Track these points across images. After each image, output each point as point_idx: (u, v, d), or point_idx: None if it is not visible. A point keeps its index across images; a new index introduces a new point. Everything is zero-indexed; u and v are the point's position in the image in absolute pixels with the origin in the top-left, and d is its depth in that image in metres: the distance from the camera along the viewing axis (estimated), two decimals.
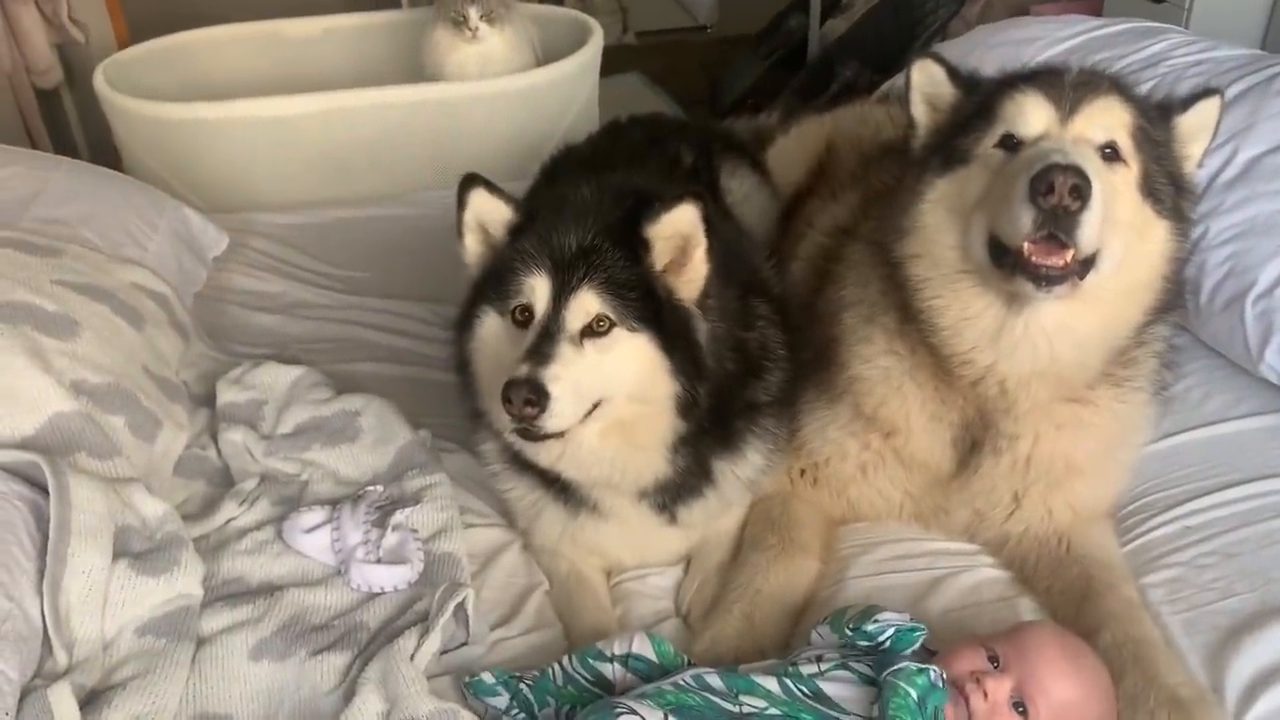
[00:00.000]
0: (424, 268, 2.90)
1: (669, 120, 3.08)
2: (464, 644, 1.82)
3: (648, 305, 1.70)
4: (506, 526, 2.08)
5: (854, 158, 2.49)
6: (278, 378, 2.36)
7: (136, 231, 2.59)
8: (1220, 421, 2.13)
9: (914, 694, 1.43)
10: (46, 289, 2.14)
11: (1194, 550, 1.86)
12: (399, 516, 1.98)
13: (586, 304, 1.67)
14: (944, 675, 1.47)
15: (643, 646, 1.67)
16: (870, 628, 1.59)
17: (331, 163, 3.46)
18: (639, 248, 1.72)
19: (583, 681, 1.65)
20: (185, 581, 1.83)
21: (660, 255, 1.73)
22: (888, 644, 1.58)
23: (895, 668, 1.47)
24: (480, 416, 1.92)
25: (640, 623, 1.90)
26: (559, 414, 1.62)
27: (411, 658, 1.70)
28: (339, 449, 2.21)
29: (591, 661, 1.66)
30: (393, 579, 1.91)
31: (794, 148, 2.71)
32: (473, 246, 1.84)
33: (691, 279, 1.75)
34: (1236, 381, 2.22)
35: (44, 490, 1.76)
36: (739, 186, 2.51)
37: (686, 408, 1.75)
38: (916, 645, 1.60)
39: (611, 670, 1.66)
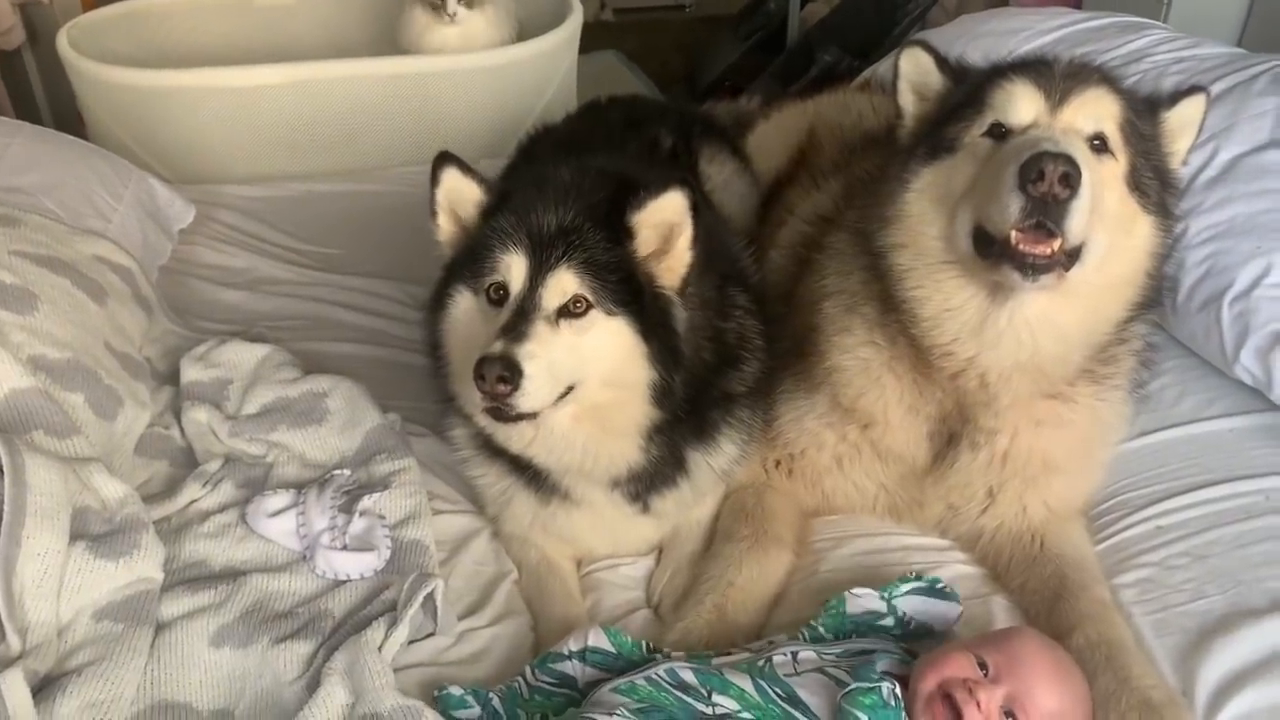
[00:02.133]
0: (397, 246, 2.85)
1: (648, 102, 3.05)
2: (431, 634, 1.79)
3: (627, 289, 1.67)
4: (475, 513, 2.05)
5: (836, 145, 2.46)
6: (243, 356, 2.31)
7: (100, 202, 2.52)
8: (1194, 421, 2.13)
9: (863, 717, 1.41)
10: (4, 260, 2.07)
11: (1166, 551, 1.86)
12: (366, 502, 1.94)
13: (564, 283, 1.64)
14: (896, 691, 1.45)
15: (598, 640, 1.66)
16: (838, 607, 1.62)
17: (302, 135, 3.39)
18: (621, 233, 1.69)
19: (547, 687, 1.64)
20: (145, 565, 1.79)
21: (644, 243, 1.70)
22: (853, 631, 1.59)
23: (848, 688, 1.45)
24: (451, 400, 1.88)
25: (611, 613, 1.88)
26: (532, 394, 1.59)
27: (379, 649, 1.67)
28: (306, 431, 2.17)
29: (551, 665, 1.65)
30: (359, 566, 1.87)
31: (775, 134, 2.68)
32: (445, 226, 1.81)
33: (674, 267, 1.72)
34: (1211, 382, 2.22)
35: None
36: (719, 172, 2.48)
37: (662, 396, 1.72)
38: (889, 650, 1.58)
39: (572, 667, 1.64)
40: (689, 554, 1.96)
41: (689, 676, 1.54)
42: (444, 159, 1.78)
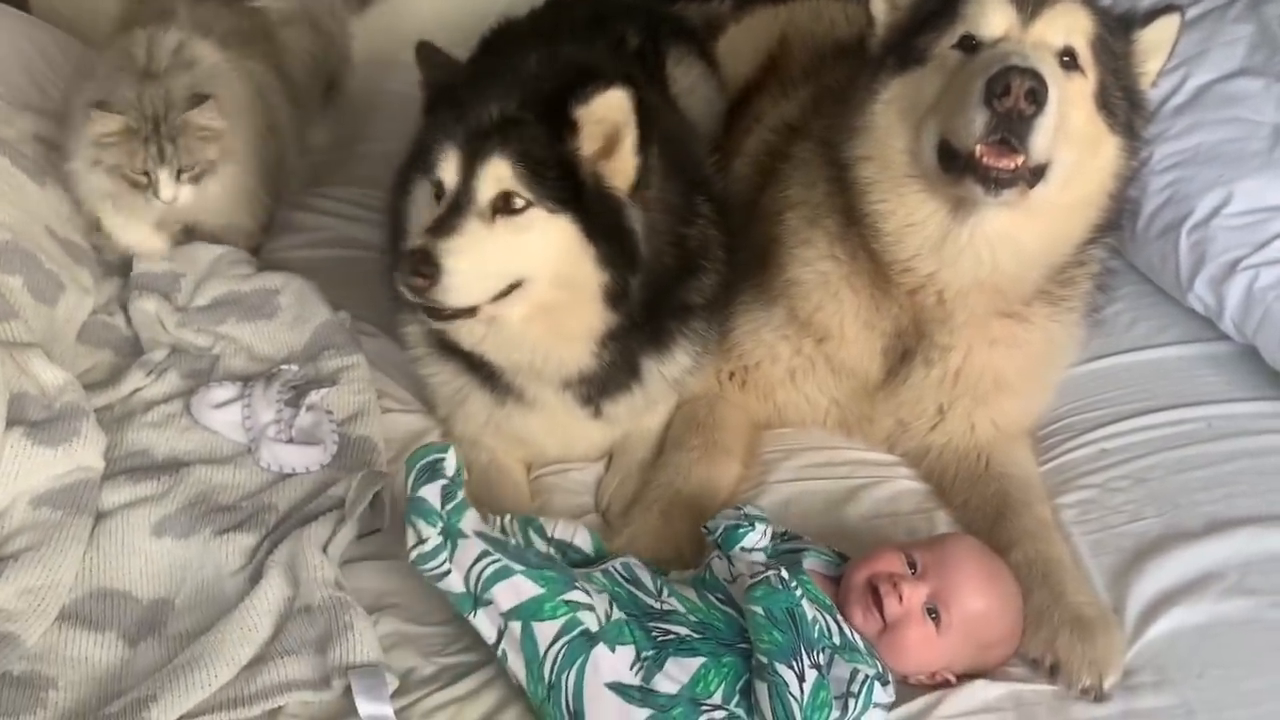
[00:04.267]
0: (354, 148, 2.80)
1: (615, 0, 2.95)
2: (379, 530, 1.79)
3: (568, 186, 1.63)
4: (425, 414, 2.04)
5: (807, 54, 2.41)
6: (200, 254, 2.29)
7: (40, 77, 2.43)
8: (1145, 348, 2.16)
9: (759, 610, 1.42)
10: None
11: (1108, 473, 1.90)
12: (314, 397, 1.93)
13: (497, 173, 1.60)
14: (784, 575, 1.45)
15: (583, 541, 1.68)
16: (710, 523, 1.60)
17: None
18: (564, 128, 1.63)
19: (512, 543, 1.61)
20: (85, 453, 1.77)
21: (588, 139, 1.65)
22: (720, 541, 1.58)
23: (748, 586, 1.45)
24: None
25: (559, 516, 1.87)
26: (455, 289, 1.57)
27: (325, 546, 1.67)
28: (255, 324, 2.16)
29: (531, 533, 1.65)
30: (304, 460, 1.86)
31: (745, 39, 2.62)
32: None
33: (620, 169, 1.67)
34: (1164, 309, 2.24)
35: None
36: (685, 75, 2.42)
37: (615, 298, 1.70)
38: (749, 540, 1.56)
39: (545, 548, 1.65)
40: (638, 461, 1.96)
41: (643, 574, 1.57)
42: (422, 48, 1.78)
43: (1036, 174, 1.63)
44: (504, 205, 1.61)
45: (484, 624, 1.48)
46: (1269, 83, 2.23)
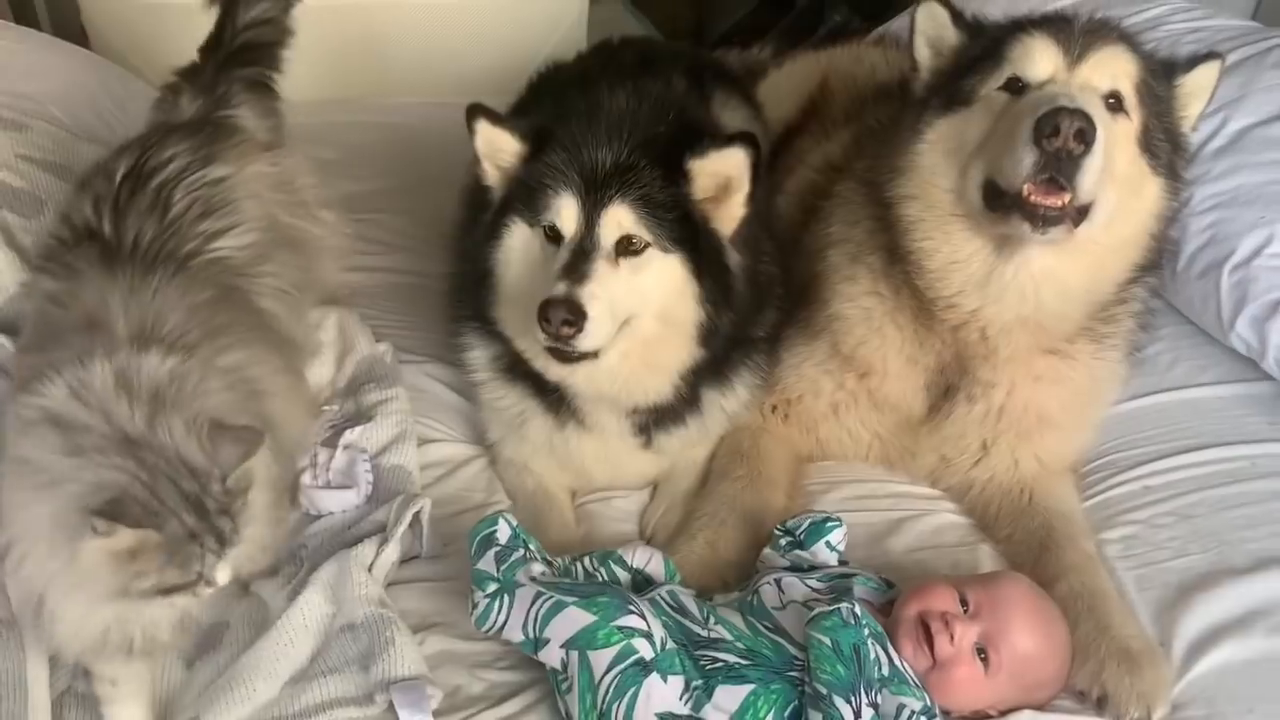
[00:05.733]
0: (397, 177, 2.84)
1: (661, 45, 3.02)
2: (417, 556, 1.81)
3: (682, 228, 1.69)
4: (462, 443, 2.07)
5: (848, 96, 2.46)
6: None
7: (105, 113, 2.50)
8: (1186, 387, 2.17)
9: (827, 641, 1.43)
10: (11, 164, 2.06)
11: (1152, 510, 1.90)
12: (349, 436, 1.95)
13: (620, 219, 1.65)
14: (856, 611, 1.47)
15: (656, 567, 1.70)
16: (789, 522, 1.68)
17: (311, 60, 3.35)
18: (677, 174, 1.69)
19: (599, 580, 1.66)
20: None
21: (701, 189, 1.70)
22: (803, 537, 1.65)
23: (812, 616, 1.47)
24: (481, 322, 1.90)
25: (602, 544, 1.88)
26: (594, 334, 1.62)
27: (369, 567, 1.69)
28: None
29: (613, 565, 1.68)
30: (340, 503, 1.88)
31: (787, 83, 2.68)
32: (491, 171, 1.81)
33: (728, 217, 1.73)
34: (1205, 349, 2.25)
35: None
36: (731, 118, 2.45)
37: (708, 336, 1.75)
38: (833, 537, 1.66)
39: (626, 579, 1.67)
40: (684, 490, 1.98)
41: (689, 603, 1.58)
42: (474, 111, 1.77)
43: (1081, 213, 1.66)
44: (626, 248, 1.66)
45: (549, 658, 1.50)
46: None
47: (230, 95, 2.05)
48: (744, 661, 1.49)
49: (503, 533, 1.61)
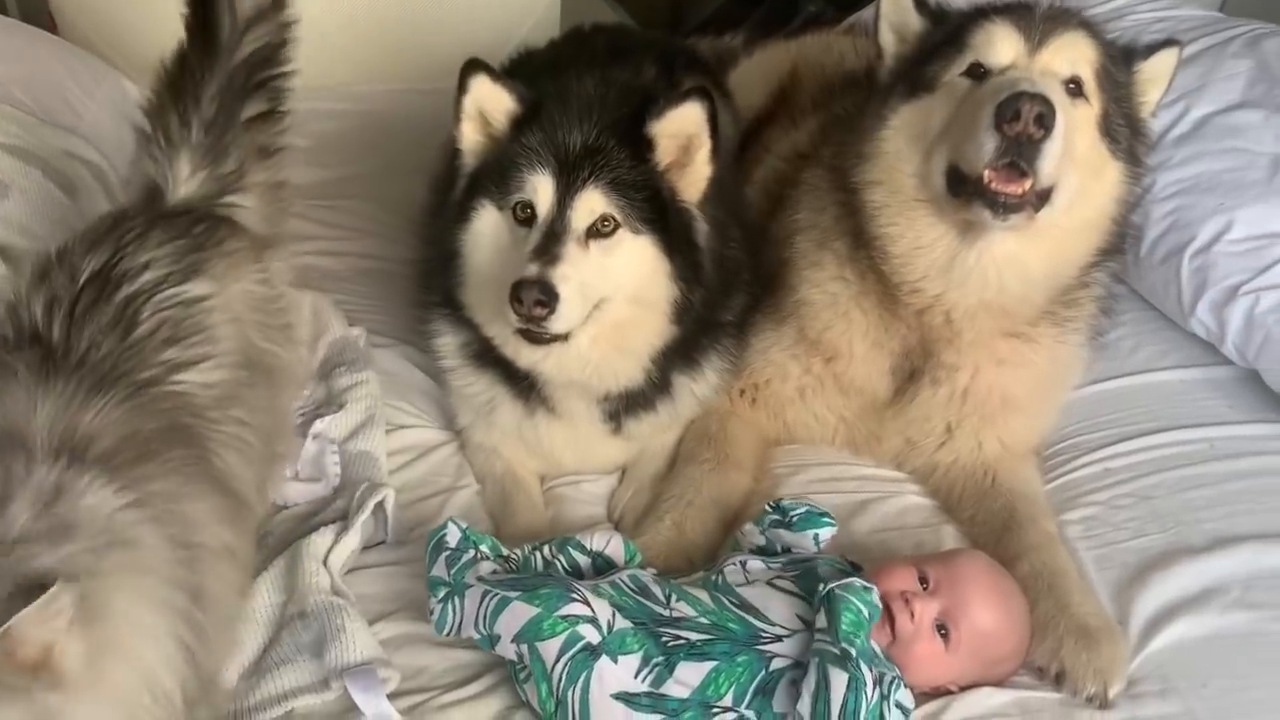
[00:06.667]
0: (362, 163, 2.84)
1: (633, 32, 3.04)
2: (382, 542, 1.81)
3: (652, 207, 1.70)
4: (432, 428, 2.07)
5: (817, 85, 2.47)
6: None
7: (72, 98, 2.49)
8: (1148, 371, 2.20)
9: (865, 611, 1.45)
10: None
11: (1112, 491, 1.93)
12: (319, 425, 1.94)
13: (592, 204, 1.66)
14: (868, 585, 1.50)
15: (616, 549, 1.70)
16: (786, 503, 1.70)
17: None
18: (643, 146, 1.70)
19: (560, 569, 1.67)
20: None
21: (663, 153, 1.71)
22: (794, 520, 1.67)
23: (842, 583, 1.48)
24: (450, 308, 1.90)
25: (571, 527, 1.90)
26: (566, 315, 1.62)
27: (326, 556, 1.69)
28: None
29: (571, 551, 1.69)
30: (307, 494, 1.87)
31: (757, 72, 2.69)
32: (470, 135, 1.80)
33: (694, 180, 1.74)
34: (1166, 334, 2.28)
35: None
36: None
37: (681, 313, 1.76)
38: (823, 534, 1.68)
39: (586, 563, 1.69)
40: (652, 474, 2.00)
41: (651, 583, 1.60)
42: (473, 65, 1.76)
43: (1042, 198, 1.68)
44: (596, 230, 1.67)
45: (505, 652, 1.51)
46: (1268, 115, 2.28)
47: (241, 172, 1.74)
48: (708, 637, 1.51)
49: (452, 536, 1.62)
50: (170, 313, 1.52)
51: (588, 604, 1.48)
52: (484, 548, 1.64)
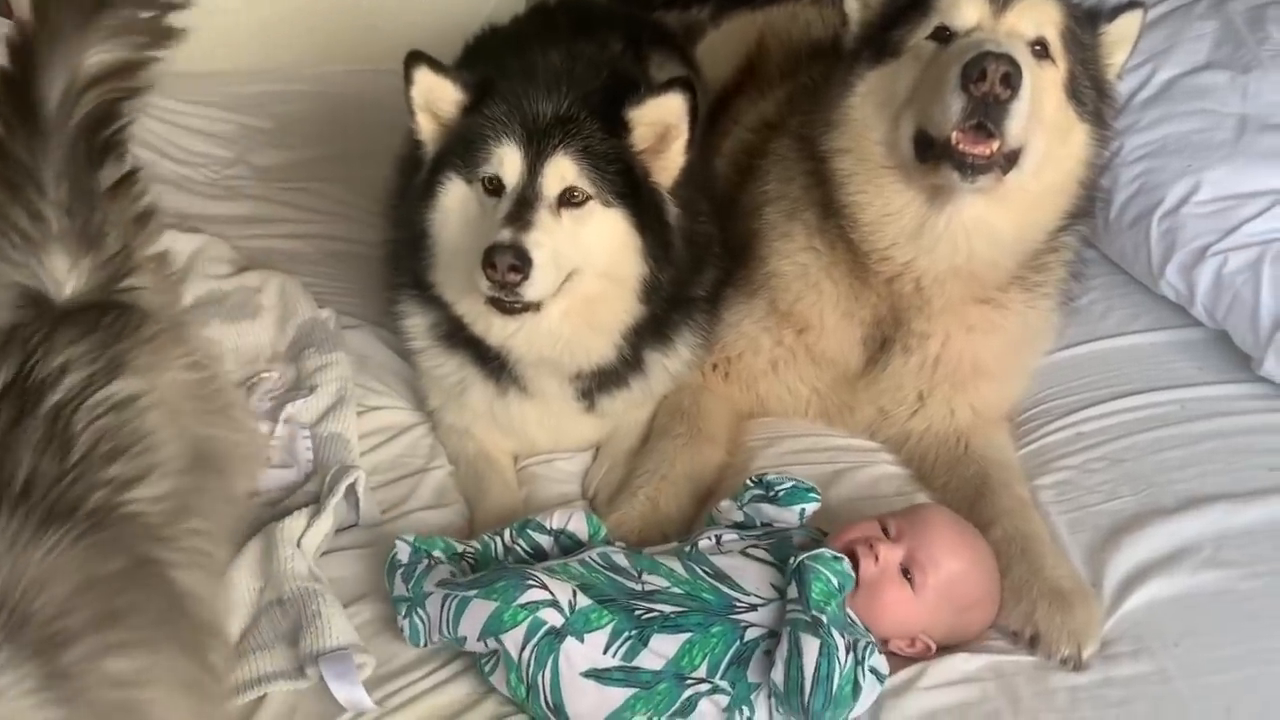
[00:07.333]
0: (327, 145, 2.82)
1: (598, 7, 2.98)
2: (354, 525, 1.80)
3: (625, 181, 1.70)
4: (404, 409, 2.05)
5: (784, 55, 2.46)
6: (179, 246, 2.23)
7: None
8: (1118, 335, 2.20)
9: (831, 576, 1.45)
10: None
11: (1085, 455, 1.93)
12: (290, 409, 1.93)
13: (563, 170, 1.66)
14: (840, 556, 1.49)
15: (578, 525, 1.69)
16: (770, 477, 1.69)
17: (244, 29, 3.28)
18: (618, 126, 1.69)
19: (521, 553, 1.67)
20: None
21: (640, 139, 1.71)
22: (780, 494, 1.66)
23: (812, 553, 1.48)
24: (418, 289, 1.88)
25: (545, 505, 1.90)
26: (539, 282, 1.61)
27: (299, 539, 1.68)
28: (239, 326, 2.15)
29: (531, 533, 1.68)
30: (279, 480, 1.86)
31: (724, 44, 2.67)
32: (425, 124, 1.79)
33: (667, 167, 1.74)
34: (1136, 298, 2.28)
35: None
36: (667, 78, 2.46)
37: (650, 292, 1.76)
38: (809, 508, 1.67)
39: (548, 543, 1.68)
40: (626, 450, 1.99)
41: (620, 559, 1.59)
42: (414, 58, 1.74)
43: (1010, 160, 1.68)
44: (568, 199, 1.66)
45: (475, 649, 1.51)
46: (1233, 76, 2.29)
47: (128, 251, 1.52)
48: (681, 609, 1.50)
49: (403, 553, 1.62)
50: (105, 421, 1.32)
51: (545, 588, 1.46)
52: (436, 552, 1.63)
